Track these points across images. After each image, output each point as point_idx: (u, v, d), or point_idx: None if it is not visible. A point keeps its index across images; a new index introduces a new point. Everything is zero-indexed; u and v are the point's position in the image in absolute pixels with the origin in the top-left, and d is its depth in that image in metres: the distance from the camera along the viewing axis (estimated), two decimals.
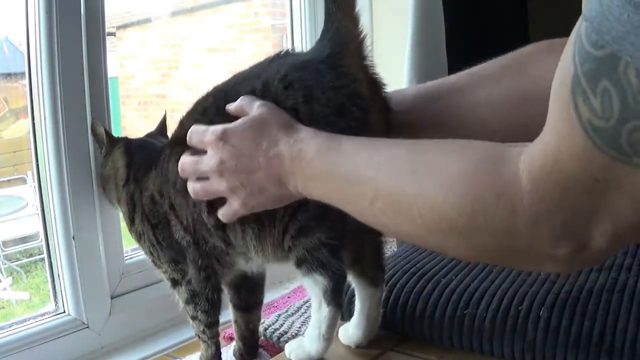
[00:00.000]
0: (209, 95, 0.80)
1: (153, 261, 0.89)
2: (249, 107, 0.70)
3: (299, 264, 0.75)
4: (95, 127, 0.96)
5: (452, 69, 1.35)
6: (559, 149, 0.44)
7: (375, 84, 0.76)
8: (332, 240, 0.73)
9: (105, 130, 0.93)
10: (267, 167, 0.66)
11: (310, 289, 0.76)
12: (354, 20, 0.74)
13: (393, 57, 1.46)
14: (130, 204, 0.87)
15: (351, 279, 0.83)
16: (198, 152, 0.73)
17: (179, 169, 0.75)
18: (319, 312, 0.76)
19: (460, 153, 0.53)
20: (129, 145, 0.91)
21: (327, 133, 0.66)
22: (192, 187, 0.74)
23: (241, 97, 0.72)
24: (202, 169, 0.71)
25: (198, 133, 0.72)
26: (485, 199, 0.48)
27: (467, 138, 0.56)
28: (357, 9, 0.75)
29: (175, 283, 0.87)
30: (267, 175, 0.67)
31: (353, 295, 0.86)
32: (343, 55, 0.73)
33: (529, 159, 0.47)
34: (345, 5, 0.73)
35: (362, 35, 0.75)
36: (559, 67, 0.44)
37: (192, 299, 0.86)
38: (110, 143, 0.92)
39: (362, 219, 0.62)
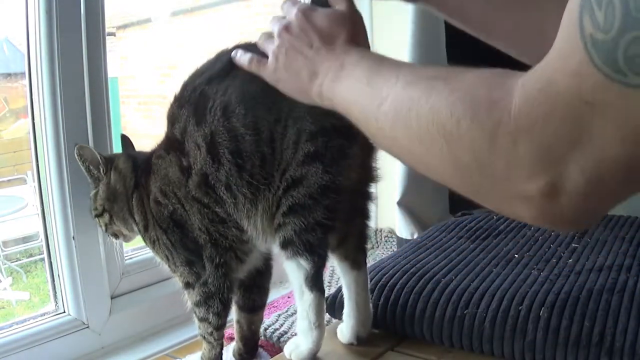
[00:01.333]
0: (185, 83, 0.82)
1: (169, 266, 0.89)
2: (339, 2, 0.73)
3: (285, 245, 0.76)
4: (83, 150, 0.90)
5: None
6: (556, 66, 0.43)
7: None
8: (328, 220, 0.74)
9: (95, 150, 0.91)
10: (312, 57, 0.69)
11: (293, 273, 0.76)
12: None
13: (393, 54, 1.45)
14: (142, 210, 0.87)
15: (335, 264, 0.84)
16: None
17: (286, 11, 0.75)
18: (302, 300, 0.76)
19: (479, 70, 0.52)
20: (127, 154, 0.93)
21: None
22: (263, 41, 0.75)
23: None
24: (279, 20, 0.73)
25: (291, 2, 0.74)
26: (478, 104, 0.48)
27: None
28: None
29: (188, 285, 0.87)
30: (307, 62, 0.69)
31: (340, 292, 0.85)
32: None
33: (528, 75, 0.46)
34: None
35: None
36: None
37: (206, 301, 0.85)
38: (107, 160, 0.90)
39: (365, 123, 0.63)
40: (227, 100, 0.76)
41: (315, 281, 0.76)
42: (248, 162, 0.75)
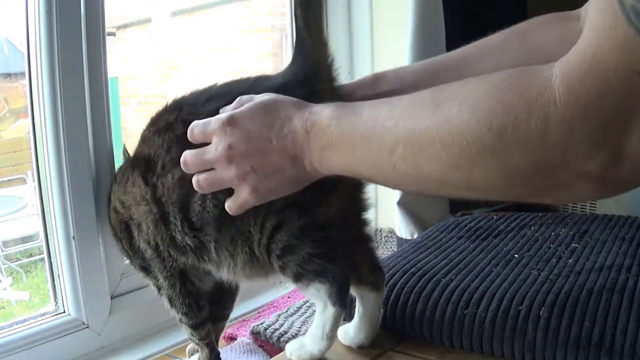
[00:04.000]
0: (168, 109, 0.81)
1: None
2: (251, 99, 0.69)
3: (297, 279, 0.75)
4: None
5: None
6: (599, 44, 0.42)
7: None
8: (320, 249, 0.73)
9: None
10: (280, 145, 0.63)
11: (315, 297, 0.75)
12: (324, 44, 0.76)
13: (393, 57, 1.46)
14: (110, 217, 0.91)
15: (351, 289, 0.81)
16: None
17: (182, 165, 0.71)
18: (324, 313, 0.75)
19: (488, 76, 0.50)
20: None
21: (341, 102, 0.64)
22: (196, 179, 0.70)
23: (238, 98, 0.71)
24: (208, 157, 0.67)
25: (199, 125, 0.69)
26: (516, 107, 0.45)
27: None
28: (325, 34, 0.76)
29: (158, 289, 0.89)
30: (281, 154, 0.63)
31: (353, 296, 0.85)
32: (318, 80, 0.74)
33: (564, 62, 0.44)
34: (315, 32, 0.74)
35: (331, 59, 0.76)
36: None
37: (171, 302, 0.87)
38: None
39: (382, 176, 0.59)
40: None
41: (339, 296, 0.74)
42: (228, 217, 0.74)
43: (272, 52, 1.69)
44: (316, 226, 0.72)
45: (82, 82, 0.98)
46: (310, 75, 0.74)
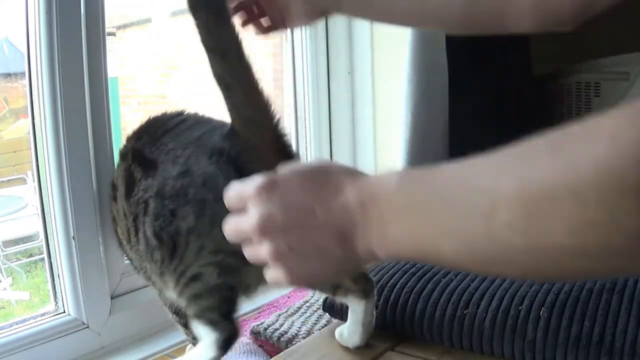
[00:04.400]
0: (135, 132, 0.86)
1: None
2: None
3: (195, 318, 0.79)
4: None
5: (452, 68, 1.35)
6: None
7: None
8: (222, 306, 0.77)
9: None
10: (326, 219, 0.51)
11: (202, 335, 0.78)
12: (260, 116, 0.76)
13: (393, 57, 1.46)
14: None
15: (342, 300, 0.83)
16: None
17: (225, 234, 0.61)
18: (204, 347, 0.78)
19: (615, 111, 0.39)
20: None
21: (410, 168, 0.55)
22: (245, 252, 0.59)
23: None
24: (242, 228, 0.56)
25: (237, 187, 0.57)
26: None
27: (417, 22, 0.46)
28: (259, 102, 0.76)
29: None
30: (328, 232, 0.52)
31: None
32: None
33: None
34: (242, 110, 0.77)
35: (276, 120, 0.77)
36: None
37: (162, 302, 0.90)
38: None
39: (471, 254, 0.45)
40: (146, 198, 0.78)
41: (222, 346, 0.77)
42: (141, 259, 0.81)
43: (272, 52, 1.69)
44: (228, 287, 0.76)
45: (82, 82, 0.98)
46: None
